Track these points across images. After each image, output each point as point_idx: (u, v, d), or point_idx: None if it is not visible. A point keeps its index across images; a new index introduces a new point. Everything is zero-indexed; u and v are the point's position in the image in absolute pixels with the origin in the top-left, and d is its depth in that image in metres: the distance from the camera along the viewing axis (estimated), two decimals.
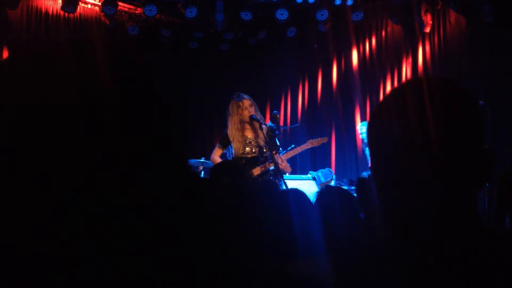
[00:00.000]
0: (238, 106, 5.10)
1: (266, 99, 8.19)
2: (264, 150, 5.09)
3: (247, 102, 5.09)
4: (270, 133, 4.96)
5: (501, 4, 6.20)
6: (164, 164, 0.67)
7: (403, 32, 7.25)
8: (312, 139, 5.46)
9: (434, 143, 0.89)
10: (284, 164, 5.05)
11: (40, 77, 0.62)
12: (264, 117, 5.24)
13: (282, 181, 4.70)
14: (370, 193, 2.72)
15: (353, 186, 6.34)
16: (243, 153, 5.08)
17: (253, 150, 5.10)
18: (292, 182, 5.54)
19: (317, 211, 1.84)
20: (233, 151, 5.20)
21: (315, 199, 1.95)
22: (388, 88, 7.12)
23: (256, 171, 4.97)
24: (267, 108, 8.14)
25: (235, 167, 3.54)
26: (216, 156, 5.28)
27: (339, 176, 6.58)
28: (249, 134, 5.13)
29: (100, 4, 7.09)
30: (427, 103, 0.92)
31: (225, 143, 5.24)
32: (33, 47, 0.66)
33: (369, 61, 7.56)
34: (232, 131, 5.08)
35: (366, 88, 7.46)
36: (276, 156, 4.96)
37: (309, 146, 5.43)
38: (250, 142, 5.10)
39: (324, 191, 1.98)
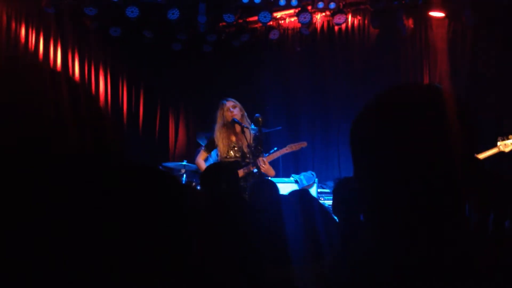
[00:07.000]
0: (222, 109, 5.14)
1: (250, 102, 8.15)
2: (248, 155, 5.11)
3: (229, 103, 5.12)
4: (255, 139, 5.04)
5: (482, 8, 6.27)
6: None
7: (385, 36, 7.29)
8: (292, 143, 5.55)
9: (420, 149, 0.88)
10: (266, 167, 5.06)
11: None
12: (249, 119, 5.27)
13: None
14: (351, 196, 2.72)
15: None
16: (226, 157, 5.10)
17: (237, 155, 5.12)
18: None
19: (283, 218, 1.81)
20: (218, 154, 5.23)
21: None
22: (372, 92, 7.13)
23: (240, 173, 4.98)
24: (251, 111, 8.09)
25: (231, 170, 3.56)
26: (201, 159, 5.33)
27: (321, 179, 6.58)
28: (234, 138, 5.15)
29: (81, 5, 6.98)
30: (412, 109, 0.91)
31: (211, 147, 5.28)
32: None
33: (352, 64, 7.58)
34: (217, 134, 5.13)
35: (349, 91, 7.47)
36: (260, 159, 4.99)
37: (288, 150, 5.51)
38: (234, 146, 5.13)
39: (287, 197, 1.96)
